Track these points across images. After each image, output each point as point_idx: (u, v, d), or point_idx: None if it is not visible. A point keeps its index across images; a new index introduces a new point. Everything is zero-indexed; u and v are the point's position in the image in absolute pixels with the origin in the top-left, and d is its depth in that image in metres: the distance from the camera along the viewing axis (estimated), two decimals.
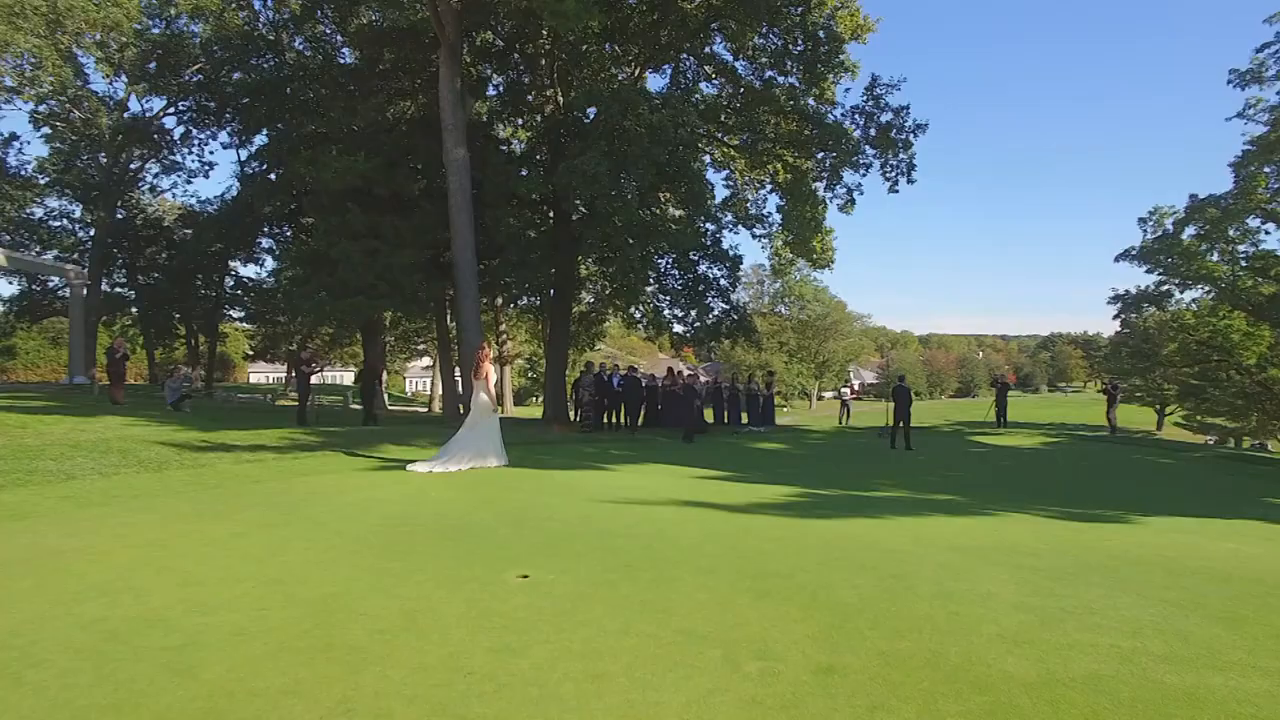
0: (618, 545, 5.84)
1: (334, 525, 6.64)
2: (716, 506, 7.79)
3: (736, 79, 22.99)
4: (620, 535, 6.25)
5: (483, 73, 24.81)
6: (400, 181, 20.08)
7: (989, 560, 5.45)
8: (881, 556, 5.49)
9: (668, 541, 5.98)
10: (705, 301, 21.97)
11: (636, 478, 10.84)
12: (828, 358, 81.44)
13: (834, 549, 5.77)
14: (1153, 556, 5.84)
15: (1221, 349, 32.66)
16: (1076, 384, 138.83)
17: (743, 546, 5.82)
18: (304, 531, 6.32)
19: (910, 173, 21.45)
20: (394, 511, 7.42)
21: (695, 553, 5.58)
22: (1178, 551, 6.11)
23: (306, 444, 13.25)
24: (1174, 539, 6.96)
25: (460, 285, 20.02)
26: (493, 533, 6.40)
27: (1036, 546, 6.05)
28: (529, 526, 6.68)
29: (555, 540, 6.04)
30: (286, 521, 6.74)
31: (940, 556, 5.55)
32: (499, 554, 5.56)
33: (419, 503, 8.01)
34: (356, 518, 7.01)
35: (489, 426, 11.31)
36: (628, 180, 18.95)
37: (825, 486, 10.47)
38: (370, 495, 8.44)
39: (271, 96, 27.09)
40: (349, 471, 10.54)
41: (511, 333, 44.47)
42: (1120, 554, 5.90)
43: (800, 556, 5.49)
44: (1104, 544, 6.36)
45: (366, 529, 6.49)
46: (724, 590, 4.55)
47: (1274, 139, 32.18)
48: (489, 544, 5.93)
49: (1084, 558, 5.68)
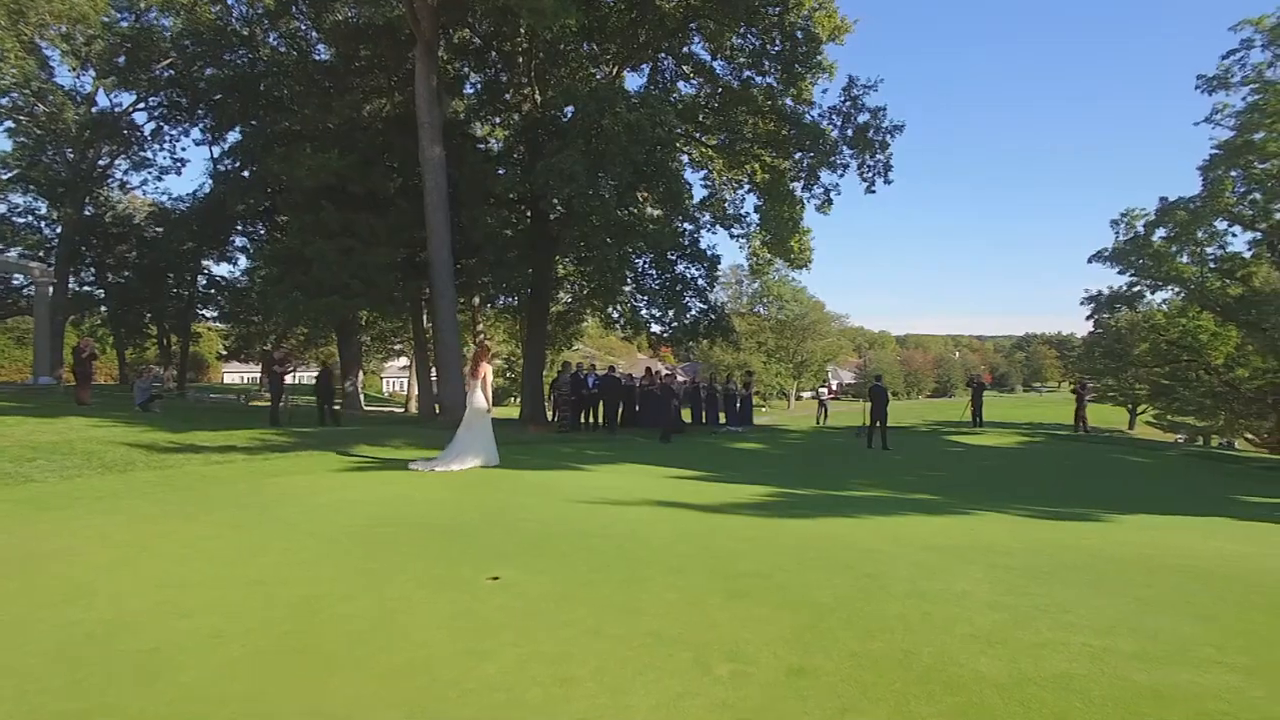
0: (592, 546, 5.79)
1: (307, 526, 6.52)
2: (691, 506, 7.76)
3: (714, 79, 23.00)
4: (594, 536, 6.19)
5: (460, 71, 24.63)
6: (375, 179, 19.84)
7: (964, 559, 5.45)
8: (856, 556, 5.47)
9: (641, 542, 5.93)
10: (683, 301, 21.93)
11: (613, 478, 10.79)
12: (806, 358, 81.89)
13: (808, 548, 5.75)
14: (1129, 555, 5.88)
15: (1191, 349, 33.23)
16: (1051, 384, 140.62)
17: (716, 546, 5.78)
18: (278, 533, 6.20)
19: (887, 173, 21.58)
20: (368, 513, 7.31)
21: (668, 553, 5.53)
22: (1155, 550, 6.15)
23: (278, 445, 13.04)
24: (1150, 537, 7.02)
25: (436, 285, 19.85)
26: (468, 534, 6.31)
27: (1012, 545, 6.07)
28: (504, 527, 6.60)
29: (530, 541, 5.97)
30: (259, 523, 6.61)
31: (915, 556, 5.55)
32: (473, 555, 5.48)
33: (392, 504, 7.90)
34: (330, 519, 6.89)
35: (483, 425, 11.30)
36: (605, 179, 18.88)
37: (801, 486, 10.49)
38: (343, 496, 8.30)
39: (245, 92, 26.69)
40: (322, 472, 10.37)
41: (489, 333, 44.21)
42: (1096, 552, 5.94)
43: (774, 556, 5.46)
44: (1080, 543, 6.40)
45: (341, 530, 6.38)
46: (696, 591, 4.51)
47: (1240, 144, 32.81)
48: (463, 545, 5.85)
49: (1060, 556, 5.71)
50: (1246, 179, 33.23)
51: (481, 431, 11.23)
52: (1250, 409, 34.17)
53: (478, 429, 11.22)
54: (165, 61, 27.38)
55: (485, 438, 11.25)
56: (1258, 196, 33.46)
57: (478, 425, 11.24)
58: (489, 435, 11.33)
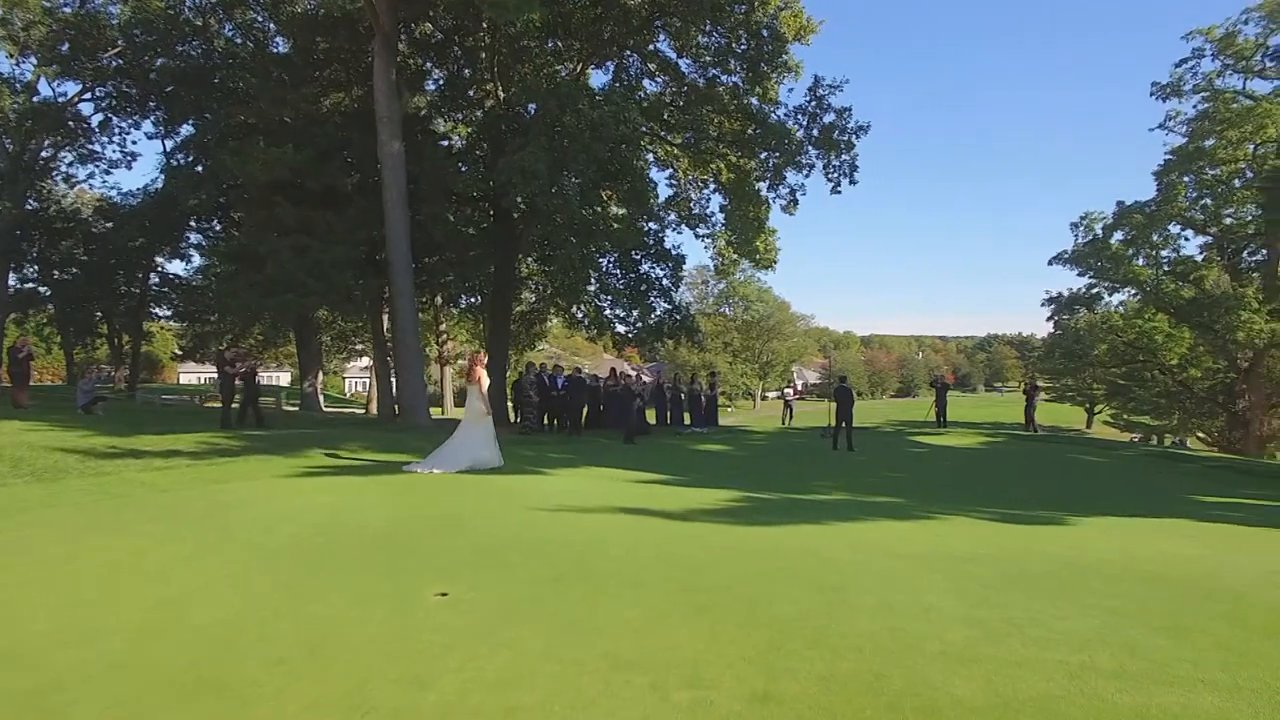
0: (548, 556, 5.52)
1: (247, 537, 6.16)
2: (654, 513, 7.52)
3: (680, 77, 22.80)
4: (552, 545, 5.92)
5: (421, 66, 24.13)
6: (333, 175, 19.29)
7: (930, 568, 5.29)
8: (821, 566, 5.27)
9: (601, 552, 5.67)
10: (648, 301, 21.69)
11: (574, 483, 10.51)
12: (771, 358, 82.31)
13: (773, 558, 5.54)
14: (1091, 561, 5.77)
15: (1147, 350, 33.91)
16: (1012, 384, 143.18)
17: (679, 556, 5.54)
18: (213, 545, 5.83)
19: (852, 173, 21.55)
20: (315, 521, 6.95)
21: (629, 564, 5.29)
22: (1119, 555, 6.06)
23: (227, 449, 12.53)
24: (1110, 541, 6.95)
25: (396, 283, 19.38)
26: (418, 544, 6.00)
27: (977, 552, 5.93)
28: (457, 537, 6.29)
29: (482, 552, 5.68)
30: (195, 534, 6.23)
31: (881, 565, 5.37)
32: (419, 568, 5.18)
33: (343, 511, 7.54)
34: (273, 529, 6.53)
35: (482, 428, 11.43)
36: (569, 177, 18.58)
37: (766, 490, 10.31)
38: (292, 504, 7.92)
39: (198, 85, 25.84)
40: (269, 478, 9.94)
41: (452, 333, 43.58)
42: (1060, 559, 5.82)
43: (738, 566, 5.24)
44: (1044, 549, 6.28)
45: (282, 541, 6.03)
46: (657, 606, 4.26)
47: (1192, 150, 33.63)
48: (413, 557, 5.54)
49: (1025, 564, 5.57)
50: (1198, 184, 34.10)
51: (481, 434, 11.34)
52: (1202, 408, 35.00)
53: (475, 432, 11.32)
54: (113, 50, 26.39)
55: (484, 441, 11.37)
56: (1208, 201, 34.35)
57: (475, 428, 11.34)
58: (490, 438, 11.48)
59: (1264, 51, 30.25)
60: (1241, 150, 32.44)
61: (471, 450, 11.16)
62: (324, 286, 18.65)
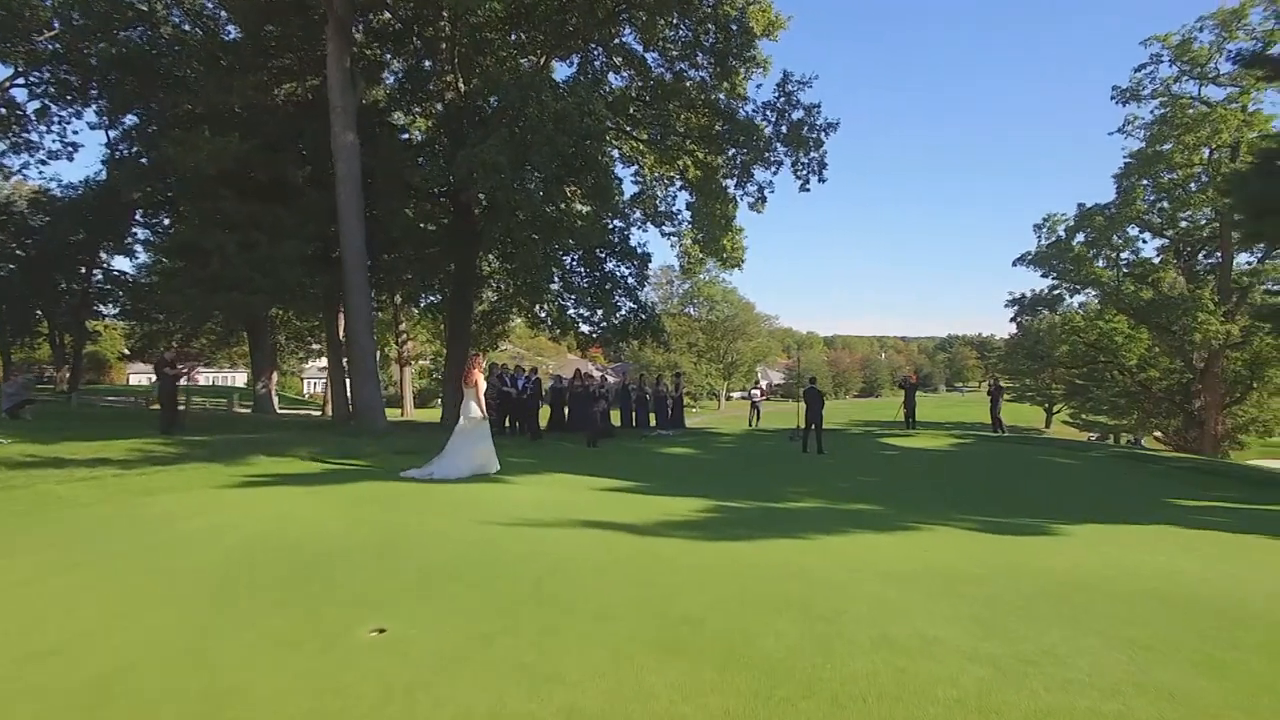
0: (502, 582, 4.95)
1: (158, 562, 5.48)
2: (620, 527, 6.97)
3: (646, 71, 22.27)
4: (507, 567, 5.35)
5: (379, 56, 23.25)
6: (283, 167, 18.36)
7: (927, 591, 4.82)
8: (807, 589, 4.78)
9: (563, 575, 5.12)
10: (612, 300, 21.10)
11: (535, 491, 9.91)
12: (736, 358, 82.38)
13: (752, 580, 5.03)
14: (1093, 578, 5.37)
15: (1107, 350, 34.34)
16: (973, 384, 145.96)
17: (649, 579, 5.01)
18: (116, 572, 5.15)
19: (821, 171, 21.21)
20: (246, 538, 6.29)
21: (594, 589, 4.74)
22: (1120, 571, 5.67)
23: (162, 456, 11.69)
24: (1105, 554, 6.57)
25: (349, 280, 18.54)
26: (357, 566, 5.38)
27: (972, 570, 5.49)
28: (402, 557, 5.68)
29: (429, 575, 5.09)
30: (98, 559, 5.53)
31: (872, 587, 4.89)
32: (358, 596, 4.59)
33: (280, 526, 6.87)
34: (191, 550, 5.86)
35: (480, 433, 11.23)
36: (531, 171, 17.95)
37: (738, 497, 9.82)
38: (218, 520, 7.22)
39: (143, 72, 24.59)
40: (204, 489, 9.18)
41: (412, 332, 42.61)
42: (1061, 576, 5.41)
43: (715, 591, 4.72)
44: (1040, 564, 5.86)
45: (205, 564, 5.38)
46: (624, 643, 3.72)
47: (1151, 154, 34.11)
48: (349, 583, 4.93)
49: (1026, 583, 5.15)
50: (1156, 188, 34.65)
51: (478, 439, 11.14)
52: (1160, 408, 35.54)
53: (473, 437, 11.13)
54: (49, 34, 24.97)
55: (482, 446, 11.17)
56: (1165, 205, 34.93)
57: (473, 433, 11.14)
58: (487, 443, 11.27)
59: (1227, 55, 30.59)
60: (1197, 155, 33.02)
61: (471, 456, 10.95)
62: (272, 284, 17.72)
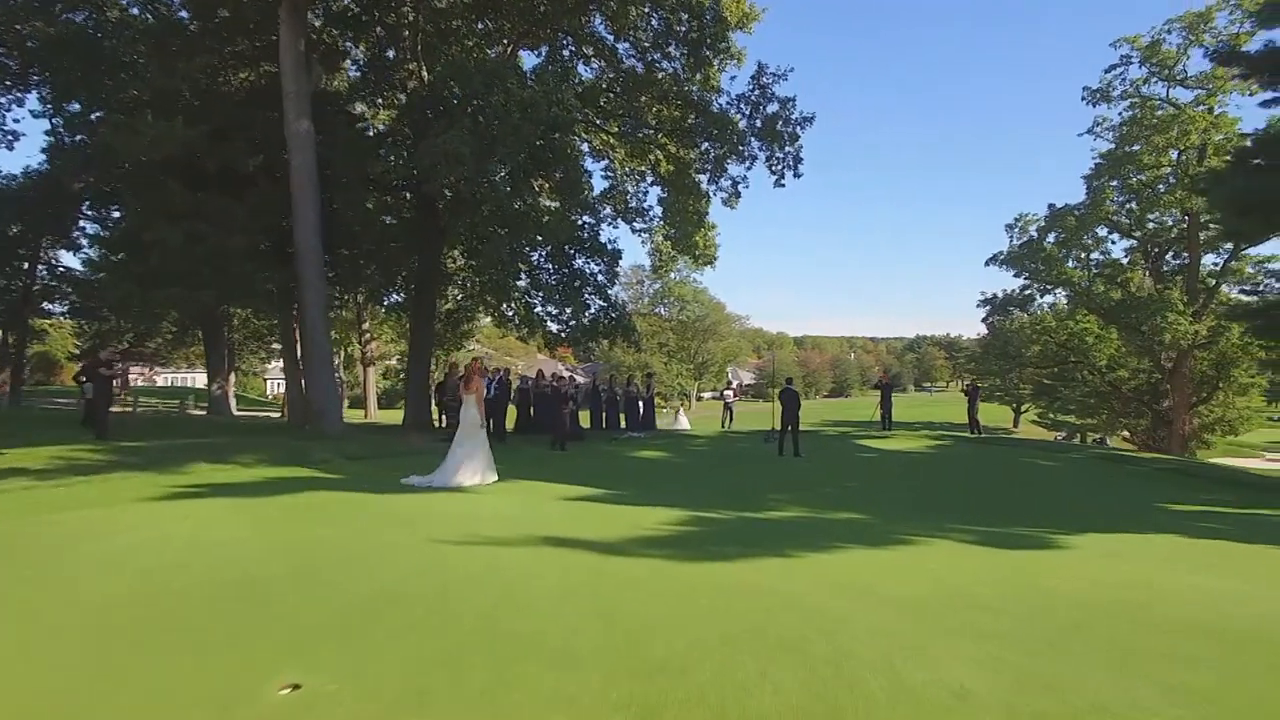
0: (449, 615, 4.23)
1: (49, 595, 4.68)
2: (587, 545, 6.27)
3: (616, 61, 21.57)
4: (456, 597, 4.63)
5: (338, 43, 22.26)
6: (232, 155, 17.33)
7: (940, 623, 4.20)
8: (803, 624, 4.12)
9: (519, 606, 4.42)
10: (581, 298, 20.37)
11: (495, 501, 9.19)
12: (707, 358, 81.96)
13: (738, 613, 4.36)
14: (1118, 603, 4.80)
15: (1078, 350, 34.44)
16: (941, 384, 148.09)
17: (619, 612, 4.32)
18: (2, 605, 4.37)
19: (797, 166, 20.67)
20: (158, 564, 5.49)
21: (554, 626, 4.05)
22: (1140, 593, 5.12)
23: (88, 465, 10.76)
24: (1120, 571, 6.03)
25: (304, 276, 17.63)
26: (282, 596, 4.63)
27: (984, 594, 4.89)
28: (336, 585, 4.93)
29: (363, 608, 4.35)
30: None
31: (876, 618, 4.25)
32: (276, 636, 3.84)
33: (202, 548, 6.07)
34: (95, 579, 5.06)
35: (478, 440, 11.03)
36: (497, 163, 17.19)
37: (714, 506, 9.18)
38: (138, 539, 6.40)
39: (86, 56, 23.30)
40: (126, 503, 8.31)
41: (376, 332, 41.47)
42: (1082, 600, 4.83)
43: (695, 628, 4.04)
44: (1057, 585, 5.28)
45: (97, 599, 4.59)
46: (590, 702, 3.04)
47: (1120, 155, 34.27)
48: (268, 618, 4.18)
49: (1047, 610, 4.56)
50: (1125, 189, 34.84)
51: (478, 446, 10.95)
52: (1129, 408, 35.75)
53: (472, 444, 10.92)
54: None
55: (480, 451, 10.97)
56: (1134, 206, 35.13)
57: (470, 439, 10.94)
58: (486, 451, 11.08)
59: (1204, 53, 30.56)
60: (1165, 157, 33.23)
61: (471, 465, 10.73)
62: (220, 279, 16.72)
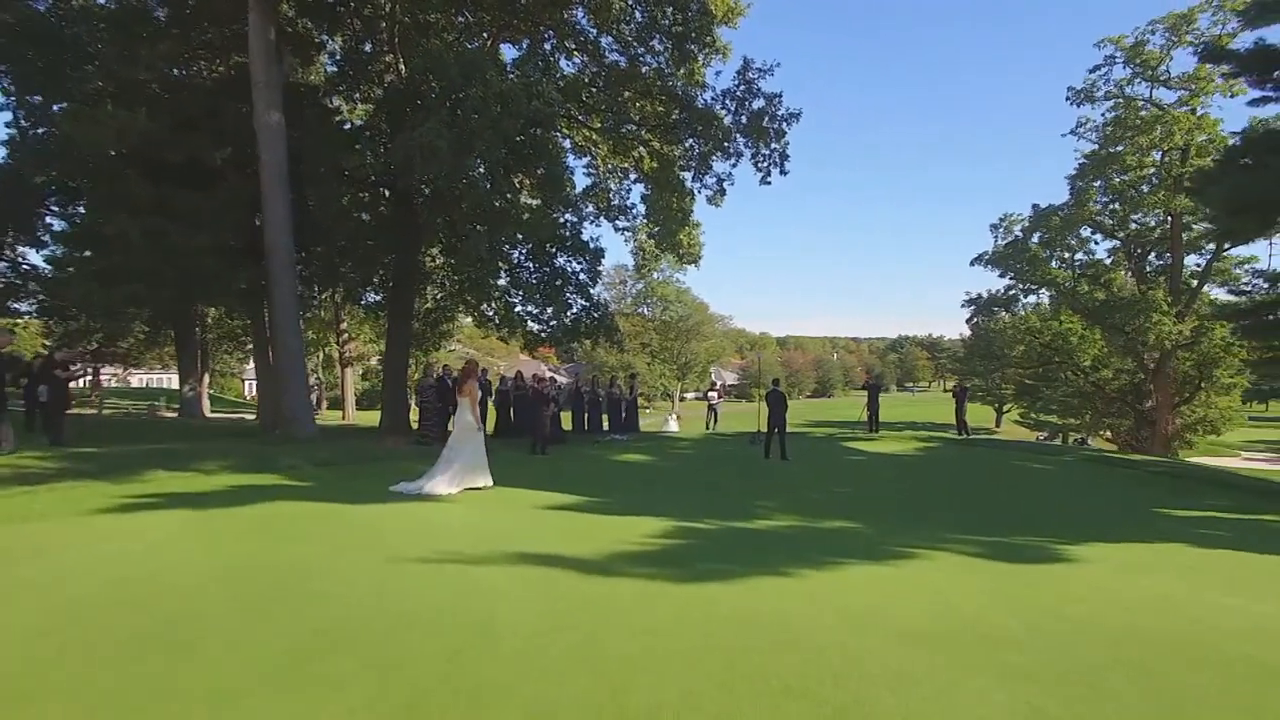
0: (404, 658, 3.71)
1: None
2: (566, 563, 5.76)
3: (599, 56, 21.03)
4: (416, 631, 4.11)
5: (315, 35, 21.55)
6: (198, 148, 16.64)
7: (961, 660, 3.74)
8: (808, 663, 3.64)
9: (488, 645, 3.90)
10: (563, 298, 19.81)
11: (469, 512, 8.65)
12: (690, 359, 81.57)
13: (734, 650, 3.86)
14: (1156, 633, 4.37)
15: (1062, 351, 34.40)
16: (923, 384, 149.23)
17: (601, 650, 3.81)
18: None
19: (783, 163, 20.24)
20: (90, 590, 4.94)
21: (529, 668, 3.54)
22: (1172, 618, 4.69)
23: (34, 473, 10.08)
24: (1142, 589, 5.63)
25: (274, 274, 16.97)
26: (220, 633, 4.09)
27: (1006, 624, 4.43)
28: (283, 616, 4.40)
29: (304, 651, 3.81)
30: None
31: (892, 656, 3.78)
32: (205, 686, 3.31)
33: (142, 569, 5.50)
34: (16, 607, 4.52)
35: (473, 445, 10.66)
36: (476, 159, 16.63)
37: (701, 515, 8.70)
38: (75, 559, 5.84)
39: (48, 45, 22.46)
40: (72, 516, 7.71)
41: (354, 331, 40.68)
42: (1112, 629, 4.39)
43: (687, 671, 3.54)
44: (1077, 610, 4.83)
45: (12, 633, 4.05)
46: None
47: (1104, 155, 34.24)
48: (199, 662, 3.64)
49: (1075, 641, 4.12)
50: (1108, 189, 34.84)
51: (472, 451, 10.60)
52: (1112, 408, 35.75)
53: (467, 448, 10.57)
54: None
55: (477, 459, 10.63)
56: (1117, 207, 35.14)
57: (467, 444, 10.58)
58: (481, 455, 10.73)
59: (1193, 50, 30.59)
60: (1149, 157, 33.23)
61: (466, 470, 10.40)
62: (184, 276, 16.03)
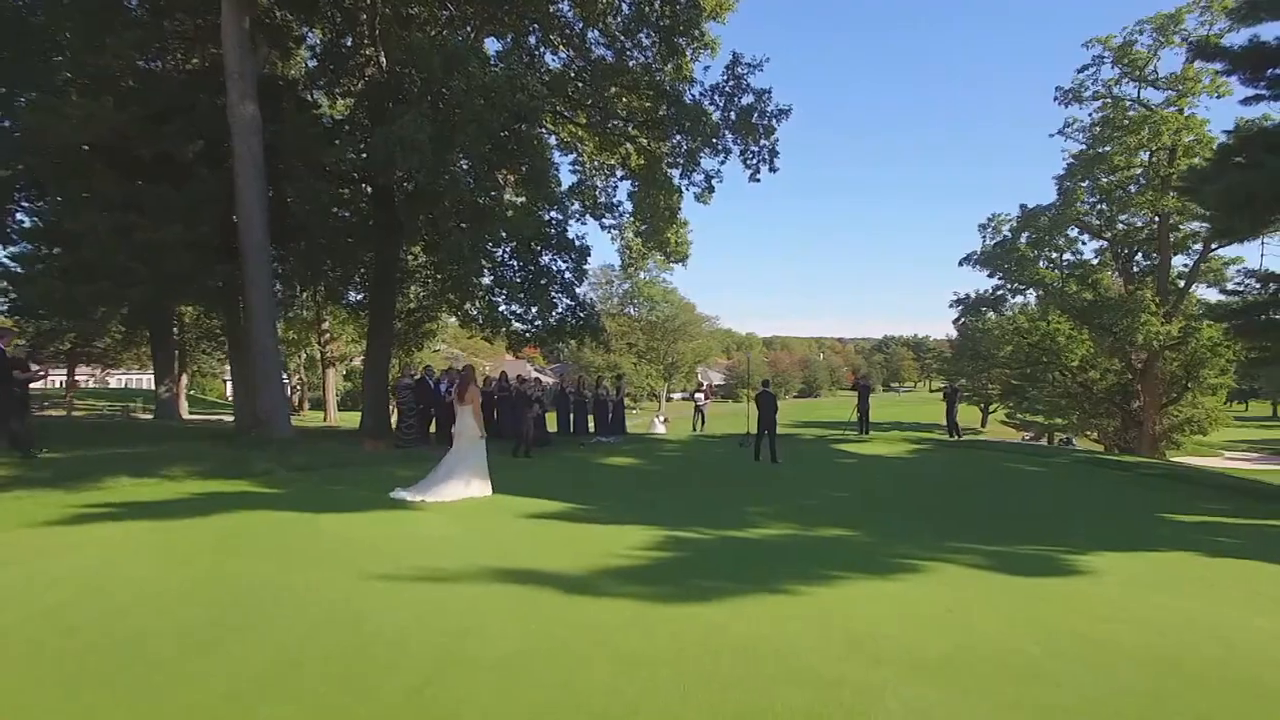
0: (364, 695, 3.28)
1: None
2: (548, 580, 5.34)
3: (585, 50, 20.57)
4: (380, 663, 3.67)
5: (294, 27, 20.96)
6: (170, 140, 16.04)
7: (989, 696, 3.35)
8: (818, 702, 3.24)
9: (459, 677, 3.47)
10: (548, 297, 19.34)
11: (445, 522, 8.21)
12: (676, 359, 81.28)
13: (733, 684, 3.46)
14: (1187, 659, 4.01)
15: (1050, 351, 34.31)
16: (909, 384, 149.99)
17: (585, 688, 3.39)
18: None
19: (773, 160, 19.86)
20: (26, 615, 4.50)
21: (503, 710, 3.13)
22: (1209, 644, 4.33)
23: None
24: (1162, 605, 5.27)
25: (249, 272, 16.39)
26: (162, 669, 3.64)
27: (1029, 650, 4.04)
28: (225, 651, 3.94)
29: (252, 689, 3.38)
30: None
31: (910, 692, 3.38)
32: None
33: (86, 592, 5.03)
34: None
35: (476, 453, 10.51)
36: (458, 153, 16.15)
37: (692, 524, 8.29)
38: (13, 580, 5.36)
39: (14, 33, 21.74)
40: (19, 528, 7.19)
41: (336, 331, 40.02)
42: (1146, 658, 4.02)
43: (684, 710, 3.14)
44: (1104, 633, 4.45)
45: None
46: None
47: (1092, 156, 34.17)
48: (133, 706, 3.21)
49: (1109, 671, 3.75)
50: (1095, 189, 34.79)
51: (474, 459, 10.43)
52: (1099, 408, 35.72)
53: (469, 456, 10.40)
54: None
55: (477, 465, 10.45)
56: (1104, 207, 35.10)
57: (468, 452, 10.42)
58: (482, 463, 10.55)
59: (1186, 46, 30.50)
60: (1136, 158, 33.19)
61: (466, 479, 10.19)
62: (154, 274, 15.43)
